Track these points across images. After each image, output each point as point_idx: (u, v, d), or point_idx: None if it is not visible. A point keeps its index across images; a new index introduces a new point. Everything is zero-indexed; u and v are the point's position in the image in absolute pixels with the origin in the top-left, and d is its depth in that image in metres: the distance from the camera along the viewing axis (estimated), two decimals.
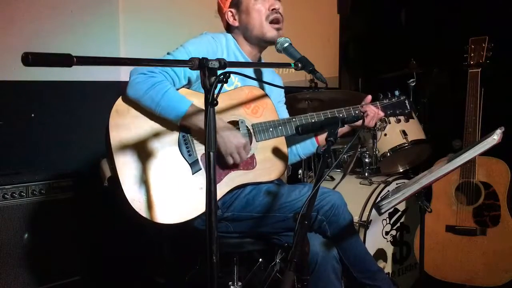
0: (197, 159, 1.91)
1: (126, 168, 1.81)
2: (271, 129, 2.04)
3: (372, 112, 2.14)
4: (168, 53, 2.01)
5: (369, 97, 2.21)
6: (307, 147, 2.28)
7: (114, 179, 1.85)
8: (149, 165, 1.84)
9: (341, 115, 2.13)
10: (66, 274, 2.59)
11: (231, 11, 2.17)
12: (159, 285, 2.95)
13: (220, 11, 2.22)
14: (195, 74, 2.00)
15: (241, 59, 2.17)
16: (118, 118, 1.86)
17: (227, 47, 2.14)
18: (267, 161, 2.04)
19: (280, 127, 2.04)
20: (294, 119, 2.09)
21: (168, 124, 1.90)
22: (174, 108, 1.86)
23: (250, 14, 2.12)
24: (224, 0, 2.18)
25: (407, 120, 2.34)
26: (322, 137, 2.25)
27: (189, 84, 2.03)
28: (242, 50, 2.18)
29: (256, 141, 2.02)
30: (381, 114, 2.18)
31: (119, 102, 1.88)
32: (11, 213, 2.42)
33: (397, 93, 2.24)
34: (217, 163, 1.91)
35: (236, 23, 2.17)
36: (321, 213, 1.96)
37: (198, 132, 1.91)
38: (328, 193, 2.01)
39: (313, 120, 2.08)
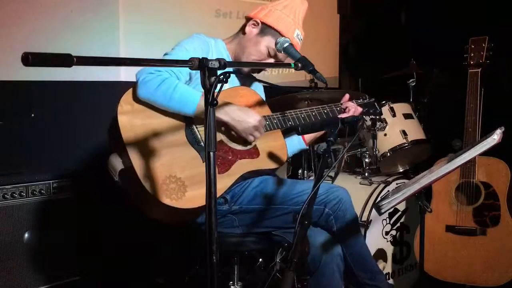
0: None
1: (137, 151, 1.82)
2: (268, 122, 2.10)
3: (353, 107, 2.28)
4: (165, 54, 2.04)
5: (347, 96, 2.34)
6: (294, 145, 2.34)
7: (126, 169, 1.85)
8: (159, 150, 1.85)
9: (325, 111, 2.24)
10: (66, 274, 2.59)
11: (255, 24, 2.17)
12: (159, 285, 2.95)
13: (251, 14, 2.22)
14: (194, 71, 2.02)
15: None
16: (125, 110, 1.87)
17: (216, 50, 2.17)
18: (269, 150, 2.11)
19: (275, 121, 2.12)
20: (286, 114, 2.17)
21: (174, 114, 1.92)
22: (187, 100, 1.87)
23: (254, 46, 2.15)
24: (262, 10, 2.18)
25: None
26: (308, 136, 2.33)
27: (190, 81, 2.06)
28: (231, 56, 2.22)
29: None
30: (360, 109, 2.32)
31: (124, 98, 1.89)
32: (11, 213, 2.42)
33: (366, 96, 2.48)
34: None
35: (246, 34, 2.19)
36: (329, 207, 2.02)
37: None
38: (335, 188, 2.07)
39: (302, 116, 2.18)
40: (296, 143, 2.34)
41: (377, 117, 2.46)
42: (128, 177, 1.84)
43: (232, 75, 2.22)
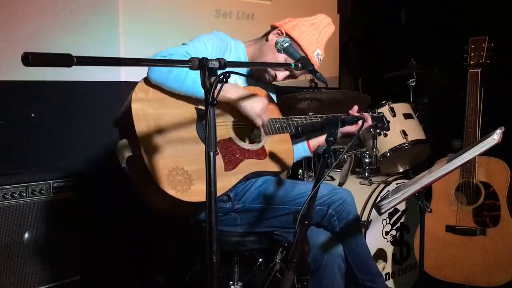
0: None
1: (147, 140, 1.82)
2: (277, 125, 2.12)
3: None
4: (183, 44, 2.03)
5: (356, 107, 2.33)
6: (298, 151, 2.34)
7: (134, 157, 1.85)
8: (169, 141, 1.85)
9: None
10: (66, 274, 2.59)
11: (279, 33, 2.18)
12: (159, 285, 2.95)
13: (277, 23, 2.23)
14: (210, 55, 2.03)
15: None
16: (140, 97, 1.87)
17: (235, 51, 2.18)
18: (276, 153, 2.13)
19: (285, 125, 2.15)
20: (296, 119, 2.18)
21: (186, 106, 1.93)
22: (199, 84, 1.86)
23: (273, 54, 2.14)
24: (290, 22, 2.20)
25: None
26: (313, 143, 2.34)
27: None
28: (248, 59, 2.23)
29: (266, 135, 2.11)
30: (370, 120, 2.34)
31: (139, 85, 1.89)
32: (11, 213, 2.42)
33: (375, 110, 2.52)
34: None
35: (268, 41, 2.19)
36: (332, 207, 2.03)
37: (224, 104, 1.97)
38: (339, 189, 2.09)
39: (312, 122, 2.20)
40: (301, 150, 2.35)
41: (384, 132, 2.45)
42: (136, 164, 1.84)
43: (244, 78, 2.23)
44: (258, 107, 1.99)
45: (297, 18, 2.23)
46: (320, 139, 2.32)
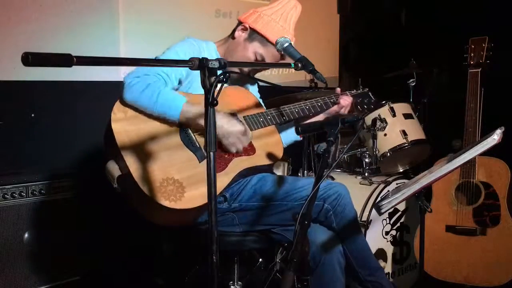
0: (200, 147, 1.94)
1: (133, 156, 1.82)
2: (261, 119, 2.11)
3: (344, 100, 2.28)
4: (156, 57, 2.02)
5: (338, 89, 2.35)
6: (288, 136, 2.35)
7: (124, 175, 1.85)
8: (155, 154, 1.86)
9: (319, 104, 2.25)
10: (66, 274, 2.59)
11: (243, 29, 2.18)
12: (159, 285, 2.95)
13: (242, 17, 2.22)
14: (185, 75, 2.05)
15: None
16: (119, 117, 1.88)
17: (208, 53, 2.17)
18: (265, 147, 2.12)
19: (269, 117, 2.13)
20: (280, 109, 2.17)
21: (167, 120, 1.93)
22: (170, 105, 1.88)
23: (242, 51, 2.15)
24: (252, 15, 2.18)
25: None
26: None
27: (179, 84, 2.06)
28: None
29: (251, 131, 2.09)
30: (350, 98, 2.31)
31: (117, 105, 1.90)
32: (11, 213, 2.42)
33: (360, 87, 2.46)
34: (220, 150, 1.99)
35: (235, 38, 2.19)
36: (328, 202, 2.03)
37: (196, 126, 1.94)
38: (334, 184, 2.09)
39: (296, 110, 2.19)
40: (290, 134, 2.35)
41: (372, 106, 2.42)
42: (126, 182, 1.85)
43: None
44: (231, 133, 1.94)
45: (259, 9, 2.20)
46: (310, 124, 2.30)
